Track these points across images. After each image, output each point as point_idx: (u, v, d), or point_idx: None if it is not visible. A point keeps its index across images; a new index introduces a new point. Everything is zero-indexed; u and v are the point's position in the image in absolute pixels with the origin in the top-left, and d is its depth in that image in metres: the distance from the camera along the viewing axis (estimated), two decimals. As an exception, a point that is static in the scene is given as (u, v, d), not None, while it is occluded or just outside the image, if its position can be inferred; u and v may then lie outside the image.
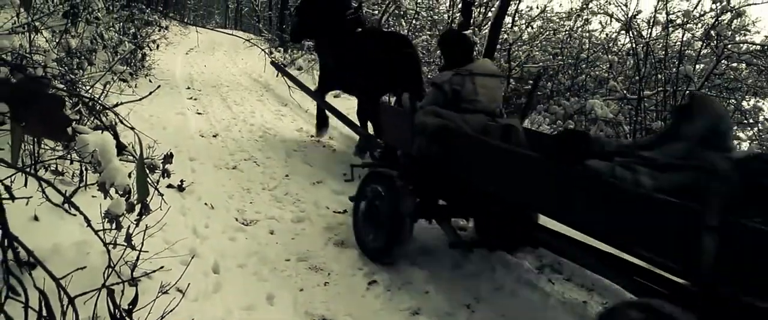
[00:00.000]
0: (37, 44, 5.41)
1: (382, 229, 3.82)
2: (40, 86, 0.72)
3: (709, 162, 2.53)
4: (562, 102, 9.84)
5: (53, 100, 0.73)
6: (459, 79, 3.86)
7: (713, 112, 2.71)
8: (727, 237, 2.14)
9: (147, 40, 10.89)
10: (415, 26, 14.40)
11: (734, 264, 2.15)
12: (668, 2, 8.49)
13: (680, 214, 2.31)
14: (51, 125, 0.73)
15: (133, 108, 4.84)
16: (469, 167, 3.55)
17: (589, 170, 2.74)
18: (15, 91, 0.71)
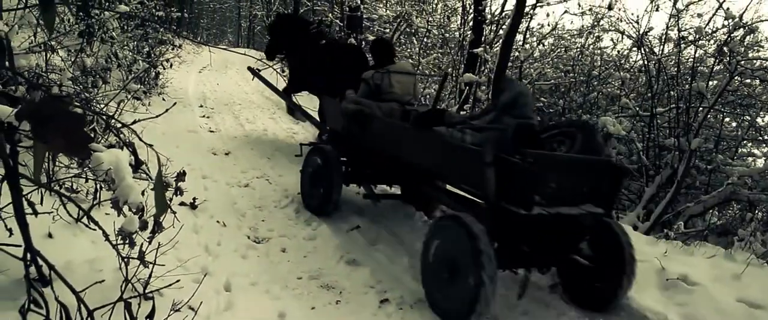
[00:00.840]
0: (53, 63, 5.47)
1: (320, 190, 5.02)
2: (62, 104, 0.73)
3: (503, 123, 3.73)
4: (573, 119, 9.82)
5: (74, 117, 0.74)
6: (379, 76, 5.21)
7: (515, 89, 3.91)
8: (499, 168, 3.34)
9: (161, 59, 10.98)
10: (427, 44, 14.45)
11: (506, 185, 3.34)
12: (680, 19, 8.48)
13: (476, 157, 3.48)
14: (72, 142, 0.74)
15: (146, 126, 4.87)
16: (376, 139, 4.85)
17: (435, 133, 4.04)
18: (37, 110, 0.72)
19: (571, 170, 3.58)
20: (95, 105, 5.29)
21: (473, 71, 10.79)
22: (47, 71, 5.20)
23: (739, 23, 7.34)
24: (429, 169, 4.36)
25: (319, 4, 22.29)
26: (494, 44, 11.07)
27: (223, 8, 41.89)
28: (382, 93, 5.18)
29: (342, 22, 15.38)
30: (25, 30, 5.69)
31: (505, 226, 3.45)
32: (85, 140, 0.75)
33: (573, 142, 3.80)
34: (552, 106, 10.82)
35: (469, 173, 3.70)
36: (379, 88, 5.19)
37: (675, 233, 5.76)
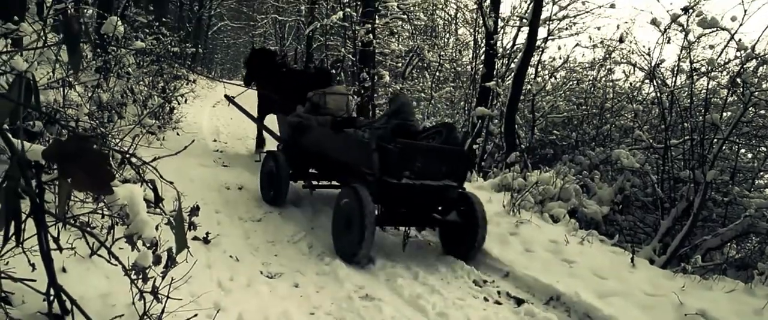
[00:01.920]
0: (71, 98, 5.55)
1: (272, 186, 6.41)
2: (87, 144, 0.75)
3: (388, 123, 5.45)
4: (587, 152, 9.78)
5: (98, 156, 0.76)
6: (318, 96, 6.74)
7: (399, 102, 5.80)
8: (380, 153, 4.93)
9: (175, 94, 11.10)
10: (439, 78, 14.53)
11: (385, 164, 4.90)
12: (691, 51, 8.47)
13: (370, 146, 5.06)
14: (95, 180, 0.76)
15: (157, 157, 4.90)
16: (311, 142, 6.41)
17: (345, 133, 5.74)
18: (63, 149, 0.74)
19: (432, 155, 5.16)
20: (111, 140, 5.34)
21: (485, 105, 10.82)
22: (65, 106, 5.28)
23: (751, 54, 7.32)
24: (341, 158, 5.78)
25: (332, 40, 22.55)
26: (506, 78, 11.12)
27: (237, 43, 42.40)
28: (320, 108, 6.69)
29: (355, 56, 15.52)
30: (44, 66, 5.79)
31: (386, 193, 5.03)
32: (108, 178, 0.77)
33: (441, 136, 5.36)
34: (565, 139, 10.79)
35: (363, 157, 5.18)
36: (318, 105, 6.70)
37: (692, 267, 5.67)
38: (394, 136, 5.17)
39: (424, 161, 5.04)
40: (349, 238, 4.85)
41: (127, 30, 9.56)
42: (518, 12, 12.36)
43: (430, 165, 5.09)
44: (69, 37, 0.87)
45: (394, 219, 5.43)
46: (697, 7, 8.02)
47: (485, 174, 9.53)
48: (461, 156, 5.39)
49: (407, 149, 4.96)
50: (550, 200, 7.49)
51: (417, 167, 4.99)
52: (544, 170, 8.48)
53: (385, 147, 4.95)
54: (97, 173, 0.76)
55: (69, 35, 0.87)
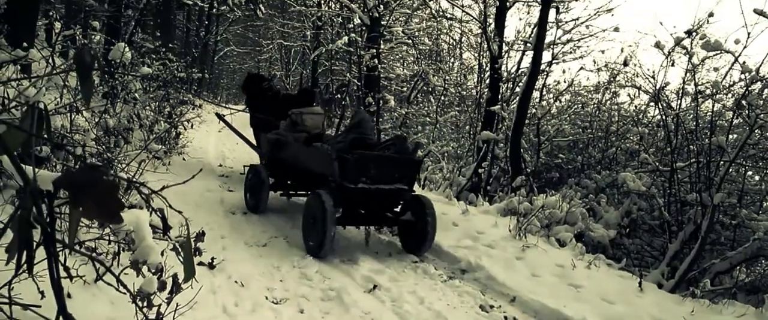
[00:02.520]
0: (78, 124, 5.59)
1: (254, 195, 7.19)
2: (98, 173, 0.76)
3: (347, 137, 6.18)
4: (593, 175, 9.75)
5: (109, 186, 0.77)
6: (296, 116, 7.37)
7: (358, 118, 6.46)
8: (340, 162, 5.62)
9: (181, 120, 11.15)
10: (444, 102, 14.57)
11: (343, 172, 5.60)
12: (696, 73, 8.48)
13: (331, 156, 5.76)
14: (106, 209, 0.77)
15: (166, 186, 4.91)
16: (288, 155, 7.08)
17: (313, 147, 6.39)
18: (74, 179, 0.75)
19: (384, 162, 5.86)
20: (117, 165, 5.36)
21: (491, 129, 10.84)
22: (72, 132, 5.31)
23: (756, 77, 7.32)
24: (311, 169, 6.43)
25: (337, 65, 22.69)
26: (511, 101, 11.15)
27: (242, 68, 42.68)
28: (297, 126, 7.32)
29: (360, 81, 15.59)
30: (52, 91, 5.84)
31: (346, 197, 5.75)
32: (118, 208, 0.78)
33: (394, 147, 6.12)
34: (571, 162, 10.77)
35: (327, 166, 5.90)
36: (296, 123, 7.33)
37: (702, 291, 5.61)
38: (352, 147, 5.90)
39: (378, 168, 5.79)
40: (314, 236, 5.62)
41: (135, 56, 9.65)
42: (522, 36, 12.45)
43: (384, 171, 5.83)
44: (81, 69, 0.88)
45: (354, 219, 6.10)
46: (701, 30, 8.05)
47: (491, 199, 9.50)
48: (411, 163, 6.10)
49: (362, 158, 5.70)
50: (556, 224, 7.47)
51: (372, 174, 5.73)
52: (550, 194, 8.45)
53: (344, 157, 5.72)
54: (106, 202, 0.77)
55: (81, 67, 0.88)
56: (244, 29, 33.58)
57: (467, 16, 16.82)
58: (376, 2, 14.96)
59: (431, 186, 11.21)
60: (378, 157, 5.89)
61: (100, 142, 5.90)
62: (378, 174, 5.76)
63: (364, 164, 5.67)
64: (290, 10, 24.34)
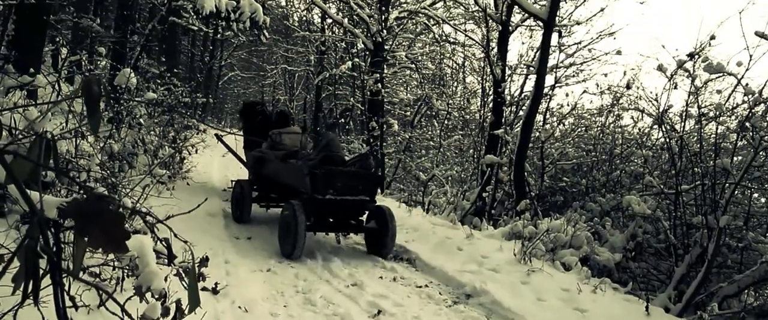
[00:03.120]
0: (82, 149, 5.61)
1: (239, 206, 7.98)
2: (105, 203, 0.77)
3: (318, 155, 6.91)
4: (597, 198, 9.72)
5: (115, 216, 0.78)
6: (276, 135, 8.18)
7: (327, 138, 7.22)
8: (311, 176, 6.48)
9: (185, 144, 11.20)
10: (448, 126, 14.59)
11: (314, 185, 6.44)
12: (699, 96, 8.49)
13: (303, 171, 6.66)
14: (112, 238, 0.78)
15: (170, 210, 4.90)
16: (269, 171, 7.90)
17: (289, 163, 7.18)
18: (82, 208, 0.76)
19: (349, 177, 6.72)
20: (121, 190, 5.36)
21: (494, 152, 10.84)
22: (77, 156, 5.33)
23: (759, 99, 7.32)
24: (287, 182, 7.32)
25: (341, 89, 22.79)
26: (515, 125, 11.16)
27: (247, 93, 42.93)
28: (277, 144, 8.08)
29: (363, 105, 15.65)
30: (57, 116, 5.88)
31: (315, 207, 6.56)
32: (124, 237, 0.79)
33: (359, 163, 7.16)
34: (575, 186, 10.74)
35: (300, 180, 6.78)
36: (276, 142, 8.12)
37: (710, 315, 5.56)
38: (321, 164, 6.76)
39: (344, 182, 6.63)
40: (287, 241, 6.37)
41: (140, 81, 9.71)
42: (525, 60, 12.52)
43: (349, 185, 6.67)
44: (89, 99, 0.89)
45: (323, 226, 6.94)
46: (703, 53, 8.07)
47: (495, 223, 9.47)
48: (372, 177, 7.08)
49: (329, 173, 6.58)
50: (561, 248, 7.43)
51: (338, 186, 6.56)
52: (555, 217, 8.42)
53: (314, 172, 6.55)
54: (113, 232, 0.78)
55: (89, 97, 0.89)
56: (249, 54, 33.82)
57: (470, 41, 16.97)
58: (380, 27, 15.08)
59: (435, 210, 11.18)
60: (343, 172, 6.79)
61: (105, 167, 5.92)
62: (344, 187, 6.61)
63: (331, 178, 6.54)
64: (294, 35, 24.58)
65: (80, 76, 10.60)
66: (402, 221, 8.61)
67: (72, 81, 10.61)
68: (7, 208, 4.18)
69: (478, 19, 14.71)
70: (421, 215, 9.24)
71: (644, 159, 9.53)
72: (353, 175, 6.81)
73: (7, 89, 5.78)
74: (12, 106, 5.23)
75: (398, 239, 7.24)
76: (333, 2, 19.83)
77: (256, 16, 11.13)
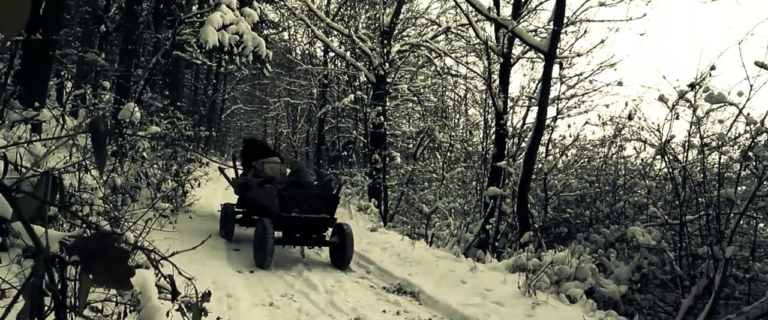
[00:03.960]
0: (86, 182, 5.62)
1: (225, 226, 9.08)
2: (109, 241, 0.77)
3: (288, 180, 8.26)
4: (601, 230, 9.67)
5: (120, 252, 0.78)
6: (259, 165, 9.29)
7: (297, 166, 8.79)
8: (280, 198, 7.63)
9: (188, 178, 11.23)
10: (450, 158, 14.61)
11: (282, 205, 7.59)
12: (701, 126, 8.50)
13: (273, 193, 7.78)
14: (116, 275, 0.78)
15: (172, 244, 4.88)
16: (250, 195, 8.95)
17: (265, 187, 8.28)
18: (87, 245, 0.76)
19: (312, 198, 7.87)
20: (124, 223, 5.35)
21: (497, 184, 10.83)
22: (80, 190, 5.33)
23: (761, 128, 7.33)
24: (262, 203, 8.36)
25: (344, 122, 22.88)
26: (517, 157, 11.17)
27: (250, 126, 43.15)
28: (259, 173, 9.18)
29: (366, 138, 15.70)
30: (61, 150, 5.90)
31: (284, 223, 7.63)
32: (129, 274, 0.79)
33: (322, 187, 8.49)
34: (579, 217, 10.70)
35: (271, 201, 7.86)
36: (258, 171, 9.27)
37: (718, 348, 5.47)
38: (289, 187, 7.90)
39: (308, 202, 7.78)
40: (260, 252, 7.37)
41: (143, 115, 9.77)
42: (527, 92, 12.57)
43: (312, 204, 7.80)
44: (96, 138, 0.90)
45: (291, 240, 7.81)
46: (704, 83, 8.10)
47: (499, 255, 9.41)
48: (331, 197, 8.08)
49: (295, 195, 7.77)
50: (566, 280, 7.36)
51: (303, 206, 7.71)
52: (559, 249, 8.37)
53: (282, 194, 7.68)
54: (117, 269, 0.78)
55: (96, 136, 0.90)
56: (252, 87, 34.08)
57: (472, 73, 17.09)
58: (382, 60, 15.21)
59: (439, 242, 11.12)
60: (307, 194, 7.91)
61: (108, 201, 5.91)
62: (308, 206, 7.74)
63: (296, 199, 7.72)
64: (297, 68, 24.78)
65: (84, 109, 10.68)
66: (406, 254, 8.57)
67: (76, 114, 10.68)
68: (9, 242, 4.17)
69: (480, 52, 14.85)
70: (424, 248, 9.19)
71: (648, 189, 9.51)
72: (316, 196, 7.96)
73: (12, 123, 5.82)
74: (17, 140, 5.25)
75: (401, 273, 7.35)
76: (335, 36, 20.04)
77: (259, 50, 11.23)
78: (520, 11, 11.66)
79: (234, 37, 10.67)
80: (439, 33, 17.05)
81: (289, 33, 27.66)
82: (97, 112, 10.78)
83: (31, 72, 7.24)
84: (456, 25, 15.98)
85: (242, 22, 10.84)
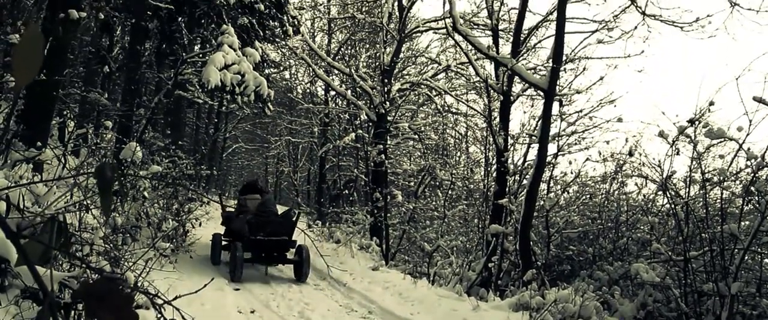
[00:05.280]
0: (86, 222, 5.60)
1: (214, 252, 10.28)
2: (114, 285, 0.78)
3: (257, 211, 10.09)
4: (605, 267, 9.60)
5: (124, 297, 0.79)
6: (243, 200, 10.62)
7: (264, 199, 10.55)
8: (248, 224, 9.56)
9: (189, 217, 11.24)
10: (452, 196, 14.58)
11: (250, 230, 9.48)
12: (702, 161, 8.50)
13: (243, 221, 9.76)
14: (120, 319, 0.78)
15: (172, 283, 4.85)
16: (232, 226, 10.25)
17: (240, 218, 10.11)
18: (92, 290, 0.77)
19: (274, 224, 9.60)
20: (124, 264, 5.31)
21: (499, 222, 10.79)
22: (81, 230, 5.31)
23: (762, 163, 7.32)
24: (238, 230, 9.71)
25: (345, 160, 22.94)
26: (519, 194, 11.15)
27: (251, 165, 43.22)
28: (242, 208, 10.49)
29: (367, 176, 15.71)
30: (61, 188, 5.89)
31: (252, 245, 9.29)
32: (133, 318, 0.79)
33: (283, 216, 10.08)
34: (582, 254, 10.62)
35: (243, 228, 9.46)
36: (242, 206, 10.57)
37: (727, 387, 5.37)
38: (256, 216, 9.74)
39: (271, 227, 9.57)
40: (232, 269, 8.96)
41: (145, 154, 9.80)
42: (527, 129, 12.61)
43: (274, 229, 9.57)
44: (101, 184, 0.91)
45: (258, 259, 9.55)
46: (703, 119, 8.13)
47: (502, 293, 9.32)
48: (290, 223, 9.83)
49: (260, 222, 9.59)
50: (570, 318, 7.28)
51: (267, 230, 9.48)
52: (563, 287, 8.29)
53: (250, 221, 9.55)
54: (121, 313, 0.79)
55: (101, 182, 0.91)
56: (253, 126, 34.22)
57: (472, 111, 17.19)
58: (382, 99, 15.32)
59: (441, 281, 11.03)
60: (270, 221, 9.69)
61: (108, 240, 5.89)
62: (270, 231, 9.49)
63: (261, 225, 9.53)
64: (298, 107, 24.95)
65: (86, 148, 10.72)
66: (408, 293, 8.49)
67: (78, 153, 10.71)
68: (8, 282, 4.13)
69: (480, 90, 14.95)
70: (426, 286, 9.11)
71: (651, 225, 9.47)
72: (277, 223, 9.73)
73: (13, 163, 5.83)
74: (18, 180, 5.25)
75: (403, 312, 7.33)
76: (336, 75, 20.22)
77: (260, 89, 11.32)
78: (519, 49, 11.78)
79: (236, 77, 10.76)
80: (440, 71, 17.20)
81: (290, 72, 27.97)
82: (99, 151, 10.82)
83: (34, 112, 7.29)
84: (456, 63, 16.14)
85: (244, 62, 10.95)
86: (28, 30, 0.83)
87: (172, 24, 14.88)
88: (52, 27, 7.37)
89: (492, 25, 12.79)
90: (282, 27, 18.05)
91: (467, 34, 10.67)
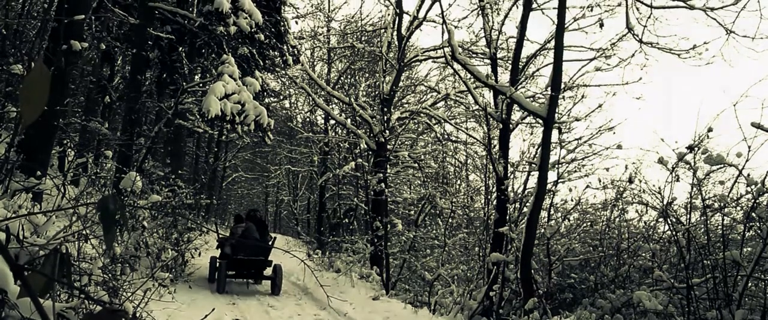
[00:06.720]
0: (85, 251, 5.57)
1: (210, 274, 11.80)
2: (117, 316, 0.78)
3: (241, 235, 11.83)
4: (607, 295, 9.53)
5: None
6: (234, 227, 12.34)
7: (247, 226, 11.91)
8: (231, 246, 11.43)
9: (188, 247, 11.23)
10: (452, 224, 14.54)
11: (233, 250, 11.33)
12: (702, 187, 8.48)
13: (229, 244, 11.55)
14: None
15: (171, 314, 4.81)
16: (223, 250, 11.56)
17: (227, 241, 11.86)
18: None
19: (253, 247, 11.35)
20: (122, 294, 5.28)
21: (500, 250, 10.74)
22: (79, 260, 5.28)
23: (762, 189, 7.31)
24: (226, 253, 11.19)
25: (345, 189, 22.92)
26: (519, 222, 11.12)
27: (250, 194, 43.16)
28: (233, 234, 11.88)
29: (367, 205, 15.69)
30: (61, 218, 5.88)
31: (234, 263, 11.16)
32: None
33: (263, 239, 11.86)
34: (584, 282, 10.55)
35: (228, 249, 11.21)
36: (233, 232, 12.03)
37: None
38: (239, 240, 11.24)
39: (251, 249, 11.23)
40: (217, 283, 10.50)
41: (145, 183, 9.78)
42: (527, 157, 12.62)
43: (254, 250, 11.23)
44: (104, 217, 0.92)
45: (240, 276, 11.34)
46: (703, 145, 8.14)
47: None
48: (266, 247, 11.28)
49: (241, 244, 11.17)
50: (573, 346, 7.19)
51: (247, 251, 11.16)
52: (565, 315, 8.22)
53: (233, 243, 11.14)
54: None
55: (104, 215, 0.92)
56: (253, 155, 34.27)
57: (472, 139, 17.23)
58: (382, 128, 15.36)
59: (442, 310, 10.94)
60: (250, 244, 11.25)
61: (107, 270, 5.85)
62: (250, 252, 11.19)
63: (242, 247, 11.18)
64: (298, 136, 25.01)
65: (86, 178, 10.71)
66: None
67: (77, 183, 10.69)
68: (5, 313, 4.10)
69: (479, 118, 15.02)
70: (427, 316, 9.04)
71: (652, 252, 9.42)
72: (256, 246, 11.30)
73: (12, 192, 5.82)
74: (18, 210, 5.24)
75: None
76: (336, 104, 20.32)
77: (260, 118, 11.37)
78: (518, 77, 11.85)
79: (236, 107, 10.82)
80: (439, 100, 17.28)
81: (290, 101, 28.08)
82: (99, 181, 10.79)
83: (34, 141, 7.30)
84: (455, 91, 16.23)
85: (244, 92, 11.02)
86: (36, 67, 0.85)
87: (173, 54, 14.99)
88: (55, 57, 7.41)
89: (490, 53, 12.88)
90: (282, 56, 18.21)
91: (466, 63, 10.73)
